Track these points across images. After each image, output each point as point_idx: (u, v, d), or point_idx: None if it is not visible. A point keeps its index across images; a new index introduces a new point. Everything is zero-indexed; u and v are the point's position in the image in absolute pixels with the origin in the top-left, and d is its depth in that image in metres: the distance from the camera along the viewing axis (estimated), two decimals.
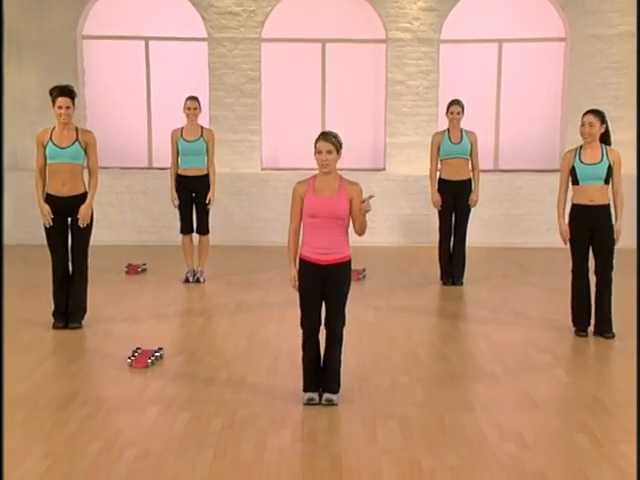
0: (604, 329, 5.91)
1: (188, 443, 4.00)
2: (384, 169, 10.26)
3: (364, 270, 8.02)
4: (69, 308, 6.04)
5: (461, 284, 7.64)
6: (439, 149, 7.61)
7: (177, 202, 7.62)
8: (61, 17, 9.91)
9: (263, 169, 10.26)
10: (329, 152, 4.48)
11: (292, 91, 10.43)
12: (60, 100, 5.84)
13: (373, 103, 10.41)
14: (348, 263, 4.53)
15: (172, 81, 10.30)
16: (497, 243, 9.71)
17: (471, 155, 7.62)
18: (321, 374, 4.59)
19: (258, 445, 3.98)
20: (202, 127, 7.75)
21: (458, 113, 7.61)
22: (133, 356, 5.22)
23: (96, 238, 9.56)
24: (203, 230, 7.74)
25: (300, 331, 4.61)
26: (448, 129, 7.70)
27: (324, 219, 4.43)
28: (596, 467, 3.76)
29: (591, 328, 5.99)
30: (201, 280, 7.74)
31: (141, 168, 10.31)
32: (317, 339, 4.57)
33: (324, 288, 4.49)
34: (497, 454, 3.90)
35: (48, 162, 5.91)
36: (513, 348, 5.72)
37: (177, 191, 7.61)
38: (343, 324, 4.55)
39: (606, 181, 5.78)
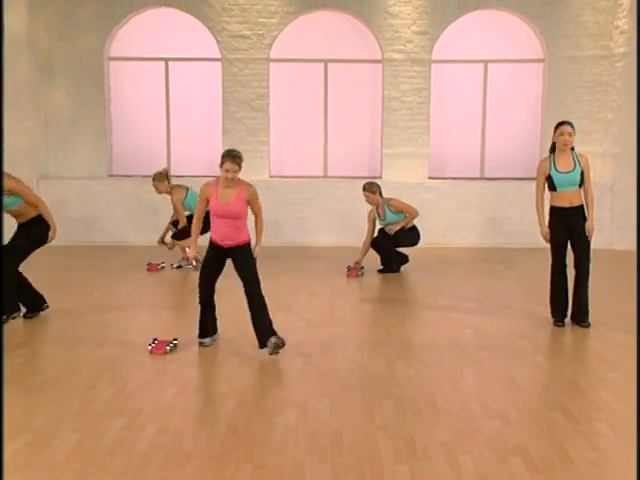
0: (581, 318, 5.91)
1: (203, 420, 4.00)
2: (380, 177, 10.26)
3: (362, 268, 8.02)
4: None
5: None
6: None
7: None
8: (90, 41, 9.95)
9: (271, 176, 10.26)
10: (235, 171, 4.95)
11: (297, 106, 10.44)
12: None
13: (370, 117, 10.41)
14: (247, 245, 5.23)
15: (189, 97, 10.33)
16: (483, 243, 9.70)
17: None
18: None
19: (266, 422, 3.97)
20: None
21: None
22: (153, 343, 5.23)
23: (119, 239, 9.63)
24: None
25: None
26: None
27: (225, 219, 5.07)
28: (572, 442, 3.75)
29: (568, 319, 5.99)
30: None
31: None
32: (211, 303, 5.31)
33: (234, 266, 5.19)
34: (483, 430, 3.89)
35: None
36: (497, 336, 5.71)
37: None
38: (258, 284, 5.21)
39: (579, 185, 5.79)
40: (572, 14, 9.90)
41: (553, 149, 5.85)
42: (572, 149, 5.81)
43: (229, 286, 5.78)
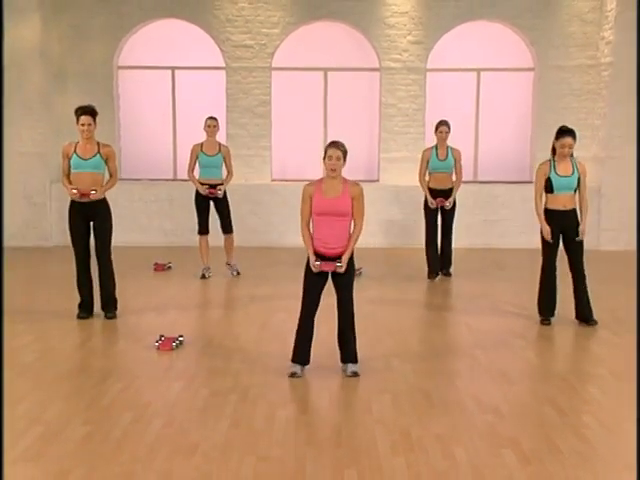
0: (587, 317, 5.87)
1: (208, 414, 4.00)
2: (378, 180, 10.26)
3: (360, 269, 8.00)
4: (102, 301, 6.03)
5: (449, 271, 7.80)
6: (428, 163, 7.61)
7: (206, 191, 7.49)
8: (100, 51, 9.95)
9: (273, 180, 10.26)
10: (338, 158, 4.50)
11: (298, 113, 10.44)
12: (83, 118, 5.80)
13: (368, 123, 10.41)
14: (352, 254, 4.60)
15: (194, 104, 10.32)
16: (477, 244, 9.70)
17: (455, 169, 7.63)
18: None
19: (268, 416, 3.97)
20: (220, 143, 7.74)
21: (446, 132, 7.59)
22: (160, 340, 5.23)
23: (127, 240, 9.62)
24: (228, 229, 7.71)
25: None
26: (436, 146, 7.68)
27: (330, 217, 4.50)
28: (561, 434, 3.76)
29: (563, 319, 5.98)
30: (234, 273, 7.73)
31: (167, 180, 10.32)
32: (314, 320, 4.64)
33: (332, 276, 4.60)
34: (476, 423, 3.89)
35: (72, 171, 5.87)
36: (490, 333, 5.70)
37: (197, 196, 7.60)
38: (352, 304, 4.67)
39: (575, 190, 5.81)
40: (561, 26, 9.91)
41: (553, 152, 5.84)
42: (571, 155, 5.84)
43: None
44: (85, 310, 6.00)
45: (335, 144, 4.55)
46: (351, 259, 4.61)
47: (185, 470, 3.32)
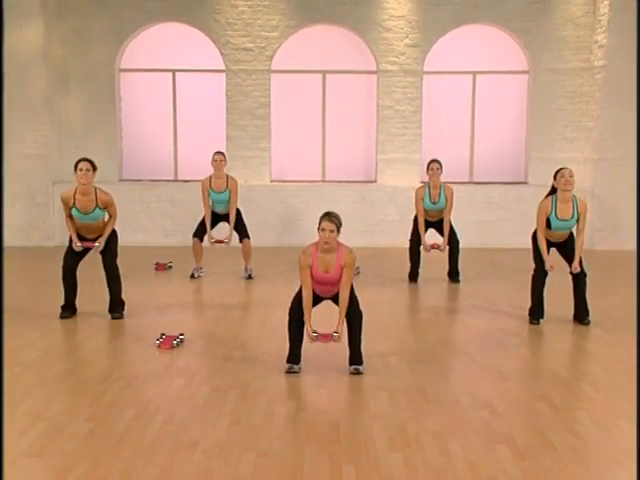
0: (582, 317, 5.89)
1: (208, 411, 4.02)
2: (375, 181, 10.27)
3: (358, 268, 8.00)
4: (110, 304, 6.05)
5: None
6: (423, 201, 7.42)
7: (212, 241, 7.59)
8: (102, 54, 9.95)
9: (272, 181, 10.26)
10: (331, 231, 4.43)
11: (297, 114, 10.45)
12: (82, 164, 5.80)
13: (366, 125, 10.42)
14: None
15: (195, 106, 10.33)
16: (472, 245, 9.70)
17: (446, 208, 7.41)
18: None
19: (268, 412, 3.98)
20: (228, 178, 7.58)
21: (437, 169, 7.34)
22: (160, 339, 5.24)
23: (129, 240, 9.62)
24: (245, 235, 7.69)
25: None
26: (429, 185, 7.42)
27: (325, 285, 4.61)
28: (555, 430, 3.77)
29: (568, 316, 5.98)
30: (252, 276, 7.71)
31: (168, 180, 10.32)
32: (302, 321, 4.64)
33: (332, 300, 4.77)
34: (471, 419, 3.91)
35: (74, 217, 5.91)
36: (485, 332, 5.72)
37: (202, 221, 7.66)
38: (359, 314, 4.69)
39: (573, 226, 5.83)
40: (555, 29, 9.92)
41: (552, 191, 5.80)
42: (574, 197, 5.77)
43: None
44: (68, 310, 6.01)
45: (329, 217, 4.46)
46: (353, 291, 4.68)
47: (186, 466, 3.33)
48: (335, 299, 4.70)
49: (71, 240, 5.99)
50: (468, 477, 3.25)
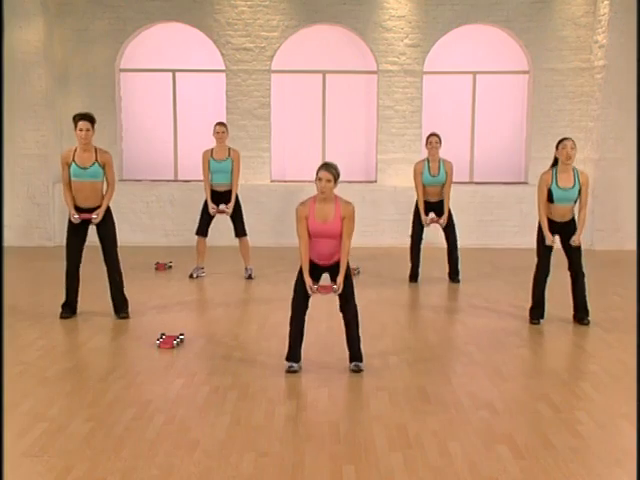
0: (582, 317, 5.88)
1: (208, 411, 4.01)
2: (376, 181, 10.26)
3: (358, 267, 8.02)
4: (115, 304, 6.03)
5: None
6: (422, 176, 7.43)
7: (214, 210, 7.51)
8: (102, 54, 9.94)
9: (272, 181, 10.26)
10: (328, 180, 4.46)
11: (297, 115, 10.44)
12: (81, 123, 5.76)
13: (366, 125, 10.42)
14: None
15: (195, 107, 10.33)
16: (472, 244, 9.71)
17: (445, 182, 7.41)
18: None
19: (268, 412, 3.98)
20: (229, 148, 7.62)
21: (436, 142, 7.38)
22: (161, 338, 5.23)
23: (129, 240, 9.62)
24: (241, 233, 7.64)
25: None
26: (428, 159, 7.48)
27: (323, 238, 4.54)
28: (555, 430, 3.77)
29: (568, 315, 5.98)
30: (252, 276, 7.66)
31: (168, 180, 10.31)
32: (304, 319, 4.69)
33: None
34: (472, 420, 3.90)
35: (72, 179, 5.86)
36: (485, 332, 5.72)
37: (205, 204, 7.56)
38: (355, 309, 4.71)
39: (575, 201, 5.77)
40: (555, 29, 9.92)
41: (555, 164, 5.79)
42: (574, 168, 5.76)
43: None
44: (69, 310, 6.00)
45: (327, 166, 4.50)
46: (346, 272, 4.64)
47: (186, 466, 3.33)
48: (333, 270, 4.65)
49: (70, 225, 5.92)
50: (468, 477, 3.25)
